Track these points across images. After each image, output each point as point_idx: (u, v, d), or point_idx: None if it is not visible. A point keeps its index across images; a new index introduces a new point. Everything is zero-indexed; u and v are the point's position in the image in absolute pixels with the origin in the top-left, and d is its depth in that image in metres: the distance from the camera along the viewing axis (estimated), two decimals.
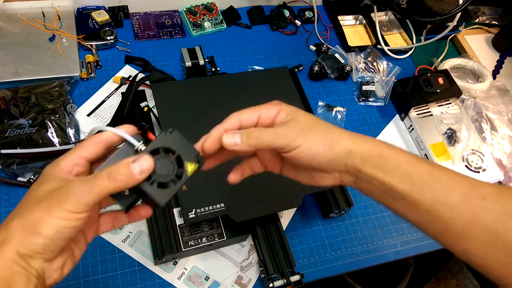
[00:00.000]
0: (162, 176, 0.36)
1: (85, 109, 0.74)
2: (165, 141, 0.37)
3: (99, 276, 0.59)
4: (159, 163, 0.36)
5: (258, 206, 0.61)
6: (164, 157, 0.37)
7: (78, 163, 0.37)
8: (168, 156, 0.37)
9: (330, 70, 0.87)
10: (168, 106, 0.68)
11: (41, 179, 0.36)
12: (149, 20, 0.88)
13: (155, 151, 0.36)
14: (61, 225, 0.33)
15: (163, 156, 0.37)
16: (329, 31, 0.97)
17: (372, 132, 0.83)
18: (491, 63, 0.95)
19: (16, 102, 0.66)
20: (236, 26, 0.93)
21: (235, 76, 0.77)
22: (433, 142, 0.80)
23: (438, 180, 0.38)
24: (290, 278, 0.58)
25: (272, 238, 0.61)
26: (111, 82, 0.78)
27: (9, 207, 0.62)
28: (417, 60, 0.97)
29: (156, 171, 0.36)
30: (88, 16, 0.82)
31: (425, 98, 0.83)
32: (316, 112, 0.82)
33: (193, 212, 0.58)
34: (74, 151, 0.37)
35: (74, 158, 0.36)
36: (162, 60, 0.83)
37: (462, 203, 0.37)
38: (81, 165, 0.37)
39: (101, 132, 0.37)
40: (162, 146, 0.37)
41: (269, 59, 0.89)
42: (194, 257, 0.63)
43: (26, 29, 0.77)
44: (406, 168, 0.38)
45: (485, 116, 0.86)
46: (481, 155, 0.79)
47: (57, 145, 0.63)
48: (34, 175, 0.64)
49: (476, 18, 1.08)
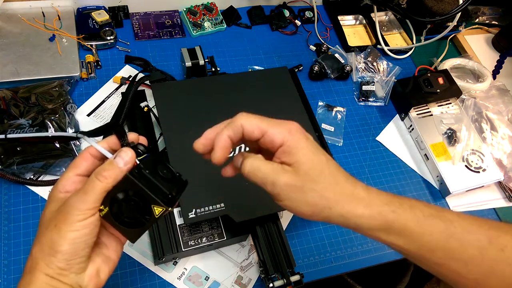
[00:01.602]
0: (131, 217, 0.37)
1: (85, 109, 0.74)
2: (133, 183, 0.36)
3: None
4: (128, 205, 0.37)
5: (258, 206, 0.60)
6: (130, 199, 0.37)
7: (75, 180, 0.38)
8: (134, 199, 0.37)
9: (330, 70, 0.87)
10: (168, 106, 0.68)
11: (47, 203, 0.38)
12: (149, 20, 0.88)
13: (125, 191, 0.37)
14: (74, 237, 0.35)
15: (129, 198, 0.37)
16: (329, 31, 0.97)
17: (372, 132, 0.83)
18: (491, 63, 0.95)
19: (16, 102, 0.66)
20: (236, 26, 0.93)
21: (235, 76, 0.77)
22: (433, 142, 0.80)
23: (452, 236, 0.36)
24: (290, 278, 0.58)
25: (272, 238, 0.61)
26: (111, 82, 0.78)
27: (9, 207, 0.62)
28: (417, 60, 0.97)
29: (124, 212, 0.37)
30: (88, 16, 0.82)
31: (425, 98, 0.83)
32: (316, 112, 0.82)
33: (193, 212, 0.58)
34: (68, 171, 0.38)
35: (70, 177, 0.38)
36: (162, 60, 0.83)
37: (479, 258, 0.36)
38: (78, 182, 0.38)
39: (88, 147, 0.39)
40: (131, 189, 0.36)
41: (269, 59, 0.89)
42: (194, 257, 0.63)
43: (26, 29, 0.77)
44: (414, 230, 0.36)
45: (485, 116, 0.85)
46: (481, 155, 0.79)
47: (57, 145, 0.63)
48: (34, 175, 0.64)
49: (476, 18, 1.08)
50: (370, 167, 0.79)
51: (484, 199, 0.79)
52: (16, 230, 0.60)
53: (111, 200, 0.37)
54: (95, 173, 0.36)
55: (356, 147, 0.81)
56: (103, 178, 0.35)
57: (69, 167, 0.38)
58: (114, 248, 0.40)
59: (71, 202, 0.35)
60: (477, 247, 0.36)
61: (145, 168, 0.36)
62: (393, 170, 0.80)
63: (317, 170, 0.36)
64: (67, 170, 0.38)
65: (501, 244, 0.36)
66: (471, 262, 0.36)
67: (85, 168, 0.38)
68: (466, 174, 0.77)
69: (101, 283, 0.38)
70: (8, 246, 0.59)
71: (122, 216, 0.37)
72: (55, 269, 0.35)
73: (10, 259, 0.58)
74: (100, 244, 0.39)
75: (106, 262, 0.39)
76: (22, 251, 0.59)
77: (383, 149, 0.82)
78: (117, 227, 0.38)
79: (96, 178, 0.35)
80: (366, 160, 0.80)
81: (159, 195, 0.36)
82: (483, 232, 0.36)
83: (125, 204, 0.37)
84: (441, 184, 0.77)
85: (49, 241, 0.35)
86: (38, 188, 0.64)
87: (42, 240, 0.36)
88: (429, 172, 0.80)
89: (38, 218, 0.61)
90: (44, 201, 0.63)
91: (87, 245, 0.36)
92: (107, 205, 0.37)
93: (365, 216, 0.36)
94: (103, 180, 0.35)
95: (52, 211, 0.37)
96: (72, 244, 0.35)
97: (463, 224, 0.36)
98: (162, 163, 0.39)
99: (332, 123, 0.82)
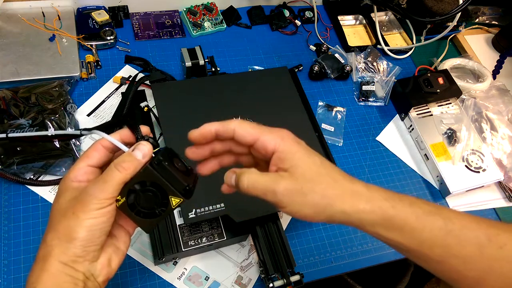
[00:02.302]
0: (147, 208, 0.38)
1: (85, 109, 0.74)
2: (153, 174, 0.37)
3: None
4: (145, 196, 0.38)
5: (258, 206, 0.60)
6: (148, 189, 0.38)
7: (87, 171, 0.39)
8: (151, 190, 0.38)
9: (330, 70, 0.87)
10: (168, 106, 0.68)
11: (60, 193, 0.38)
12: (149, 20, 0.88)
13: (142, 182, 0.37)
14: (91, 224, 0.36)
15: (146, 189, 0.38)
16: (329, 31, 0.97)
17: (372, 132, 0.83)
18: (491, 63, 0.95)
19: (16, 102, 0.66)
20: (236, 26, 0.93)
21: (235, 76, 0.77)
22: (433, 142, 0.80)
23: (451, 233, 0.36)
24: (290, 278, 0.58)
25: (272, 238, 0.61)
26: (111, 82, 0.78)
27: (9, 207, 0.62)
28: (417, 60, 0.97)
29: (141, 203, 0.38)
30: (88, 16, 0.82)
31: (425, 98, 0.83)
32: (316, 112, 0.82)
33: (193, 212, 0.58)
34: (80, 161, 0.39)
35: (82, 167, 0.39)
36: (162, 60, 0.83)
37: (477, 255, 0.36)
38: (90, 173, 0.39)
39: (100, 139, 0.39)
40: (150, 180, 0.37)
41: (269, 59, 0.89)
42: (194, 257, 0.63)
43: (26, 29, 0.77)
44: (413, 225, 0.36)
45: (485, 116, 0.86)
46: (481, 155, 0.79)
47: (57, 145, 0.63)
48: (34, 175, 0.64)
49: (476, 18, 1.08)
50: (370, 167, 0.79)
51: (484, 199, 0.79)
52: (16, 230, 0.60)
53: (128, 191, 0.37)
54: (114, 163, 0.37)
55: (356, 147, 0.81)
56: (122, 169, 0.36)
57: (80, 158, 0.39)
58: (123, 239, 0.41)
59: (89, 191, 0.36)
60: (476, 245, 0.36)
61: (164, 160, 0.37)
62: (393, 170, 0.80)
63: (314, 171, 0.37)
64: (79, 160, 0.39)
65: (500, 242, 0.36)
66: (469, 259, 0.36)
67: (96, 159, 0.39)
68: (466, 174, 0.77)
69: (111, 272, 0.39)
70: (8, 246, 0.59)
71: (138, 206, 0.38)
72: (70, 256, 0.35)
73: (10, 259, 0.58)
74: (111, 235, 0.40)
75: (116, 252, 0.40)
76: (22, 251, 0.59)
77: (383, 149, 0.82)
78: (133, 217, 0.39)
79: (116, 168, 0.36)
80: (366, 160, 0.80)
81: (178, 187, 0.38)
82: (482, 230, 0.36)
83: (142, 195, 0.38)
84: (441, 184, 0.77)
85: (67, 228, 0.36)
86: (38, 188, 0.64)
87: (58, 227, 0.36)
88: (429, 172, 0.80)
89: (38, 218, 0.61)
90: (44, 201, 0.63)
91: (103, 233, 0.37)
92: (124, 195, 0.37)
93: (366, 211, 0.36)
94: (122, 171, 0.36)
95: (68, 200, 0.37)
96: (89, 231, 0.36)
97: (462, 222, 0.37)
98: (176, 156, 0.40)
99: (332, 123, 0.82)
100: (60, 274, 0.35)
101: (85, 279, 0.36)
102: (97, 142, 0.39)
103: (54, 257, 0.35)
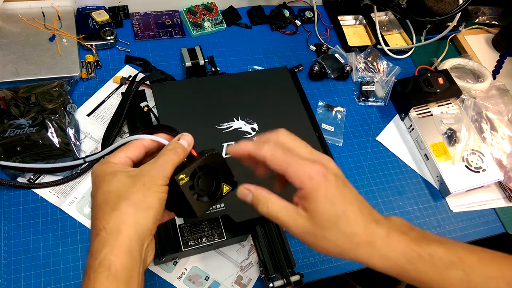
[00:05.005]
0: (202, 190, 0.41)
1: (85, 109, 0.74)
2: (211, 160, 0.42)
3: None
4: (202, 179, 0.41)
5: None
6: (206, 174, 0.42)
7: (126, 162, 0.41)
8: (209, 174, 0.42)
9: (330, 70, 0.87)
10: (168, 106, 0.68)
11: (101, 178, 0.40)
12: (149, 20, 0.88)
13: (201, 167, 0.41)
14: (161, 197, 0.39)
15: (206, 173, 0.42)
16: (329, 31, 0.97)
17: (372, 132, 0.83)
18: (491, 63, 0.95)
19: (16, 102, 0.66)
20: (236, 26, 0.93)
21: (235, 76, 0.77)
22: (433, 142, 0.80)
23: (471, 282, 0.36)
24: (290, 278, 0.58)
25: (272, 238, 0.61)
26: (111, 82, 0.78)
27: (9, 207, 0.62)
28: (417, 60, 0.97)
29: (199, 185, 0.41)
30: (88, 16, 0.82)
31: (425, 98, 0.83)
32: (316, 112, 0.82)
33: None
34: (121, 151, 0.42)
35: (122, 157, 0.42)
36: (162, 60, 0.83)
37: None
38: (127, 164, 0.42)
39: (141, 139, 0.43)
40: (208, 164, 0.42)
41: (269, 59, 0.89)
42: (194, 257, 0.63)
43: (26, 29, 0.77)
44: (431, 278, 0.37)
45: (485, 116, 0.86)
46: (481, 155, 0.79)
47: (57, 145, 0.63)
48: (34, 175, 0.64)
49: (476, 18, 1.08)
50: (370, 167, 0.79)
51: (484, 199, 0.79)
52: (16, 230, 0.60)
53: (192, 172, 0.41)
54: (169, 149, 0.41)
55: (356, 147, 0.81)
56: (177, 154, 0.40)
57: (120, 149, 0.42)
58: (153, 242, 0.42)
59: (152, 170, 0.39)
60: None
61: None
62: (393, 170, 0.80)
63: (332, 222, 0.38)
64: (119, 151, 0.42)
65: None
66: None
67: (135, 154, 0.42)
68: (466, 174, 0.77)
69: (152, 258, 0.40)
70: (8, 246, 0.59)
71: (197, 188, 0.41)
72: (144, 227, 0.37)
73: (10, 259, 0.58)
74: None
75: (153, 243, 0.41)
76: (22, 251, 0.59)
77: (383, 149, 0.82)
78: (190, 198, 0.40)
79: (172, 153, 0.40)
80: (366, 160, 0.80)
81: (229, 176, 0.44)
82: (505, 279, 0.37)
83: (202, 177, 0.41)
84: (441, 184, 0.77)
85: (143, 197, 0.37)
86: (38, 188, 0.64)
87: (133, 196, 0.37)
88: (429, 172, 0.80)
89: (38, 218, 0.61)
90: (44, 201, 0.63)
91: (163, 209, 0.39)
92: (188, 175, 0.40)
93: (379, 265, 0.38)
94: (176, 155, 0.40)
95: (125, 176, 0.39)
96: (160, 203, 0.38)
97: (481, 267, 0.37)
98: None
99: (332, 123, 0.82)
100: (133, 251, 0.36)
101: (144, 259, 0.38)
102: (139, 140, 0.43)
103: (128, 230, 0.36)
